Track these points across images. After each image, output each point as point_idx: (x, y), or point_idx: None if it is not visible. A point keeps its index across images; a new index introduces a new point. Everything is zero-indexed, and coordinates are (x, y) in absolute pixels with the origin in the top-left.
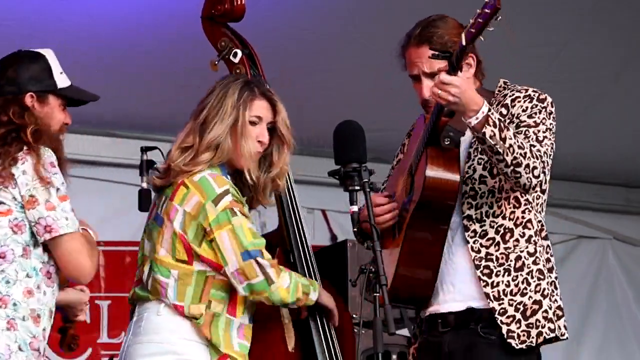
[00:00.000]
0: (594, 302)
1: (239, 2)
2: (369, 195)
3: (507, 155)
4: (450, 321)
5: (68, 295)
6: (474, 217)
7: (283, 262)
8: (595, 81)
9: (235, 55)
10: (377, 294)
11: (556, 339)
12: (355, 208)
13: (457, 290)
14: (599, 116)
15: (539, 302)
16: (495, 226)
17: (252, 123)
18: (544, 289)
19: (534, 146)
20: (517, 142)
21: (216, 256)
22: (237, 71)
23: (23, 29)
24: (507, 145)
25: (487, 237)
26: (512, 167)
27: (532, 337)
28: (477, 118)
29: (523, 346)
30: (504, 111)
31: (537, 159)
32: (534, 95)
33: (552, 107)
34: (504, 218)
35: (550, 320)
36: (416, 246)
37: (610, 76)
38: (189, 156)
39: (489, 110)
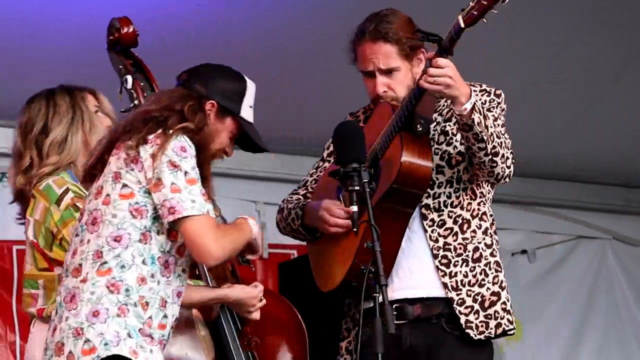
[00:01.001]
0: (594, 302)
1: (125, 30)
2: (369, 195)
3: (488, 143)
4: (407, 312)
5: (233, 292)
6: (431, 206)
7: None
8: (595, 82)
9: (126, 81)
10: (377, 294)
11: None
12: (355, 208)
13: (414, 277)
14: (599, 116)
15: (497, 294)
16: (454, 216)
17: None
18: (502, 281)
19: (500, 138)
20: (495, 131)
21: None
22: (134, 95)
23: (23, 29)
24: (489, 133)
25: (445, 227)
26: (490, 156)
27: (491, 328)
28: (471, 103)
29: (482, 337)
30: None
31: (507, 150)
32: (490, 90)
33: (504, 103)
34: (461, 208)
35: (508, 312)
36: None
37: (610, 77)
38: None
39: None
